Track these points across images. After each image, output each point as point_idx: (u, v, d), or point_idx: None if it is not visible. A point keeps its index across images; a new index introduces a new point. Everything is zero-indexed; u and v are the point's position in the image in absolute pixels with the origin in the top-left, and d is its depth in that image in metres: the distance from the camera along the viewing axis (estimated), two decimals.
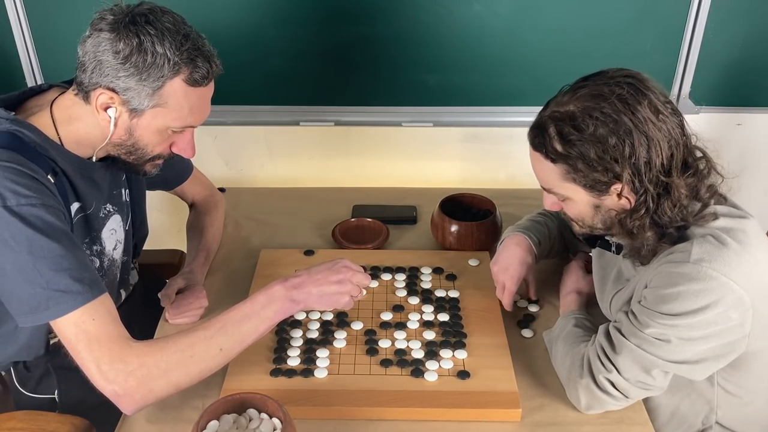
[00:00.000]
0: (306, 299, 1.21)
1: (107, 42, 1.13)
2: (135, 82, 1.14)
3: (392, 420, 1.22)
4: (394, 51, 1.86)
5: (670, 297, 1.12)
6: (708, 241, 1.12)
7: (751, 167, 2.07)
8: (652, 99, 1.11)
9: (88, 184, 1.28)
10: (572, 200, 1.20)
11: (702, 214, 1.15)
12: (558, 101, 1.16)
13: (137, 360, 1.10)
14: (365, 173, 2.08)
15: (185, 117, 1.20)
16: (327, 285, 1.22)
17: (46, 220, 1.11)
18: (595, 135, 1.10)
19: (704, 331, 1.11)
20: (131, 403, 1.12)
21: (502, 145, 2.05)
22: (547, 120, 1.16)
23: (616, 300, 1.31)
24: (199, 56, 1.16)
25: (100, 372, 1.10)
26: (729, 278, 1.09)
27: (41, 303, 1.09)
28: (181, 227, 1.68)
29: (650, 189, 1.12)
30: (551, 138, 1.14)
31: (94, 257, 1.33)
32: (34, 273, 1.09)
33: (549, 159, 1.16)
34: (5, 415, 1.32)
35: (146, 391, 1.11)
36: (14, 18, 1.81)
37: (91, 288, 1.11)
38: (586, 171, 1.13)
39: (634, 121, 1.09)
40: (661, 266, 1.16)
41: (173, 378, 1.13)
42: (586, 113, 1.11)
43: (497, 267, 1.46)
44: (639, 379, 1.16)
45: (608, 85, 1.12)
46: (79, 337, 1.10)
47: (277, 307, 1.19)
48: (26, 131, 1.17)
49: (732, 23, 1.83)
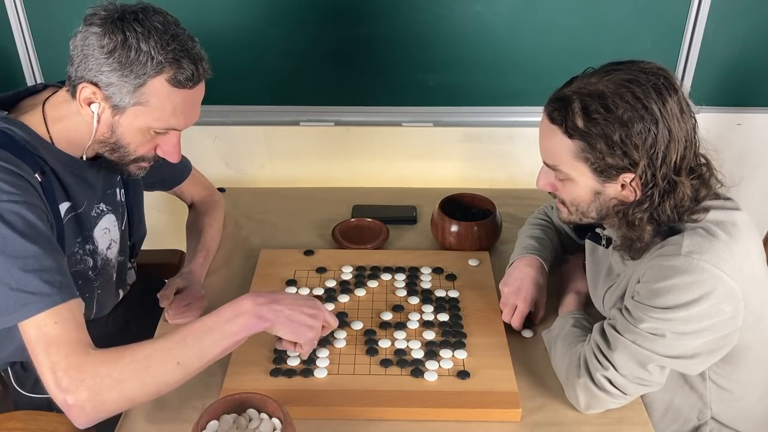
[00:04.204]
0: (275, 318, 1.15)
1: (94, 36, 1.13)
2: (117, 78, 1.13)
3: (392, 420, 1.22)
4: (394, 51, 1.86)
5: (662, 290, 1.12)
6: (698, 233, 1.13)
7: (751, 167, 2.07)
8: (681, 96, 1.11)
9: (80, 183, 1.28)
10: (574, 182, 1.18)
11: (695, 209, 1.15)
12: (585, 80, 1.14)
13: (91, 369, 1.05)
14: (365, 173, 2.07)
15: (168, 118, 1.19)
16: (300, 314, 1.17)
17: (25, 219, 1.09)
18: (623, 118, 1.08)
19: (698, 325, 1.12)
20: (81, 414, 1.05)
21: (502, 145, 2.05)
22: (573, 95, 1.13)
23: (608, 296, 1.31)
24: (185, 57, 1.15)
25: (55, 378, 1.04)
26: (720, 270, 1.10)
27: (9, 305, 1.06)
28: (180, 227, 1.68)
29: (660, 184, 1.12)
30: (574, 113, 1.12)
31: (87, 256, 1.33)
32: (4, 273, 1.06)
33: (566, 134, 1.13)
34: (5, 415, 1.32)
35: (97, 403, 1.05)
36: (14, 18, 1.81)
37: (60, 291, 1.07)
38: (604, 152, 1.11)
39: (663, 112, 1.09)
40: (653, 260, 1.16)
41: (126, 390, 1.06)
42: (616, 94, 1.09)
43: (508, 288, 1.42)
44: (636, 374, 1.16)
45: (644, 73, 1.11)
46: (39, 339, 1.06)
47: (243, 322, 1.13)
48: (16, 129, 1.17)
49: (732, 23, 1.83)
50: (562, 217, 1.28)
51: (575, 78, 1.17)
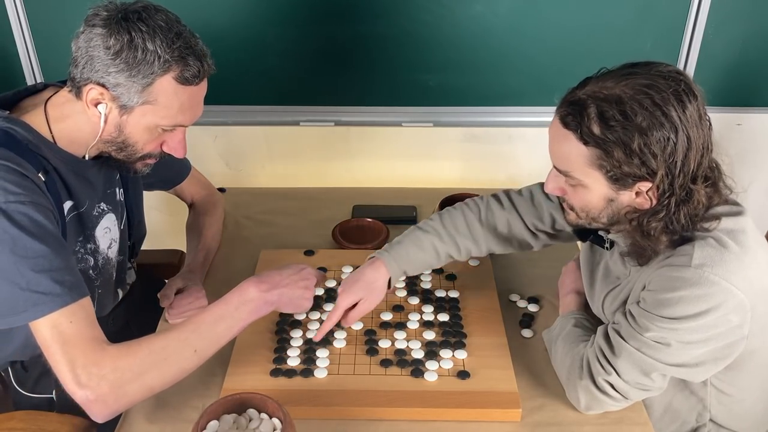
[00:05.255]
0: (278, 300, 1.24)
1: (99, 37, 1.13)
2: (125, 78, 1.14)
3: (392, 420, 1.22)
4: (395, 51, 1.86)
5: (670, 301, 1.10)
6: (709, 243, 1.10)
7: (751, 167, 2.07)
8: (700, 102, 1.07)
9: (82, 182, 1.28)
10: (586, 188, 1.12)
11: (705, 216, 1.12)
12: (600, 83, 1.08)
13: (111, 363, 1.08)
14: (365, 173, 2.07)
15: (175, 115, 1.20)
16: (296, 289, 1.26)
17: (33, 219, 1.10)
18: (642, 125, 1.03)
19: (704, 334, 1.10)
20: (104, 408, 1.08)
21: (502, 145, 2.05)
22: (588, 99, 1.07)
23: (610, 300, 1.29)
24: (191, 55, 1.16)
25: (74, 375, 1.07)
26: (730, 283, 1.08)
27: (18, 304, 1.07)
28: (180, 227, 1.68)
29: (677, 193, 1.08)
30: (590, 118, 1.06)
31: (88, 255, 1.33)
32: (14, 273, 1.07)
33: (581, 140, 1.07)
34: (5, 415, 1.32)
35: (119, 395, 1.08)
36: (14, 18, 1.81)
37: (71, 291, 1.09)
38: (620, 161, 1.05)
39: (683, 119, 1.04)
40: (661, 269, 1.14)
41: (147, 381, 1.10)
42: (635, 100, 1.04)
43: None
44: (638, 381, 1.16)
45: (663, 77, 1.05)
46: (55, 339, 1.07)
47: (252, 308, 1.21)
48: (19, 129, 1.17)
49: (732, 23, 1.83)
50: (569, 220, 1.23)
51: (589, 79, 1.10)
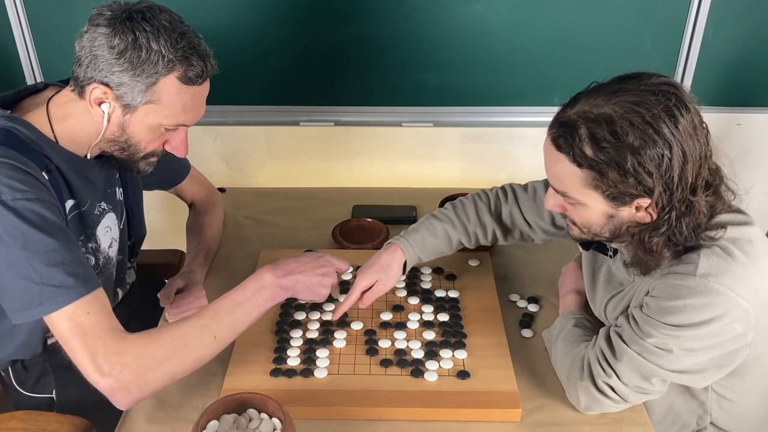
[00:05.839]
0: (294, 286, 1.24)
1: (103, 37, 1.13)
2: (129, 78, 1.14)
3: (392, 420, 1.22)
4: (394, 51, 1.86)
5: (674, 309, 1.10)
6: (715, 253, 1.09)
7: (751, 167, 2.07)
8: (693, 113, 1.05)
9: (83, 181, 1.28)
10: (585, 207, 1.12)
11: (710, 225, 1.11)
12: (590, 101, 1.06)
13: (132, 352, 1.10)
14: (365, 173, 2.07)
15: (178, 115, 1.20)
16: (313, 276, 1.26)
17: (41, 215, 1.11)
18: (633, 144, 1.02)
19: (707, 342, 1.10)
20: (127, 396, 1.10)
21: (502, 145, 2.05)
22: (578, 120, 1.05)
23: (612, 306, 1.29)
24: (194, 55, 1.17)
25: (95, 365, 1.08)
26: (735, 293, 1.07)
27: (34, 298, 1.09)
28: (180, 227, 1.68)
29: (676, 206, 1.06)
30: (581, 140, 1.05)
31: (89, 255, 1.33)
32: (27, 268, 1.08)
33: (575, 163, 1.06)
34: (5, 415, 1.32)
35: (142, 383, 1.10)
36: (14, 18, 1.81)
37: (85, 283, 1.11)
38: (615, 181, 1.05)
39: (676, 135, 1.02)
40: (666, 277, 1.13)
41: (168, 368, 1.12)
42: (625, 119, 1.02)
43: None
44: (638, 385, 1.16)
45: (652, 93, 1.03)
46: (74, 331, 1.09)
47: (268, 294, 1.22)
48: (21, 128, 1.17)
49: (732, 23, 1.83)
50: (573, 235, 1.22)
51: (580, 96, 1.09)
